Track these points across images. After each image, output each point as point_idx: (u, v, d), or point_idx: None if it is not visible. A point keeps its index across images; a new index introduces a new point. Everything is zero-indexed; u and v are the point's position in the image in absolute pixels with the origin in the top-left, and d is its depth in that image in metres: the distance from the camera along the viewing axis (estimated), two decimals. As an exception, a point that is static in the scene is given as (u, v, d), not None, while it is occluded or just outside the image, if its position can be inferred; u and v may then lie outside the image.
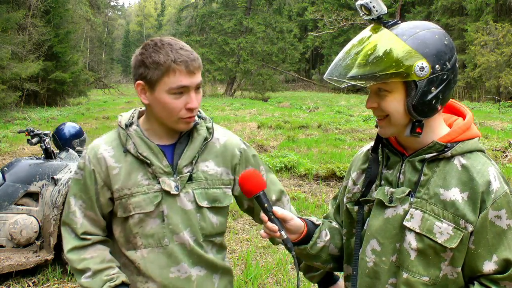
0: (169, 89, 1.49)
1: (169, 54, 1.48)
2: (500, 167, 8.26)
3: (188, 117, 1.54)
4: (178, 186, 1.58)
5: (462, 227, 1.30)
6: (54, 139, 4.64)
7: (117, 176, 1.58)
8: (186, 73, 1.49)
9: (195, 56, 1.53)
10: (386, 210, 1.40)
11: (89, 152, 1.63)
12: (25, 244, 3.99)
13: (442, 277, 1.34)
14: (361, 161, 1.57)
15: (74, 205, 1.63)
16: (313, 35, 40.49)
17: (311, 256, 1.57)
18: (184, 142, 1.63)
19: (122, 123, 1.63)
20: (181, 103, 1.51)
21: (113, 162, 1.59)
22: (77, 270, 1.60)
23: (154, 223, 1.58)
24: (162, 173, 1.58)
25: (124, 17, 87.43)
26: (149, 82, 1.52)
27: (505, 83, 23.29)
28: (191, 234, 1.61)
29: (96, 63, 43.77)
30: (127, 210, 1.58)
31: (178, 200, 1.59)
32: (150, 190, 1.57)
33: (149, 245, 1.59)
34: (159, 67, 1.48)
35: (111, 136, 1.65)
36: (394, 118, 1.35)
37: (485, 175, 1.32)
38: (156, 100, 1.53)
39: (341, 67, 1.34)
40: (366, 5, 1.31)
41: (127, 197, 1.57)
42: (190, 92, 1.52)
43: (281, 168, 8.25)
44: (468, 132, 1.39)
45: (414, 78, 1.28)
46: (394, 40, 1.29)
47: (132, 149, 1.58)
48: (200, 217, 1.62)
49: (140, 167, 1.58)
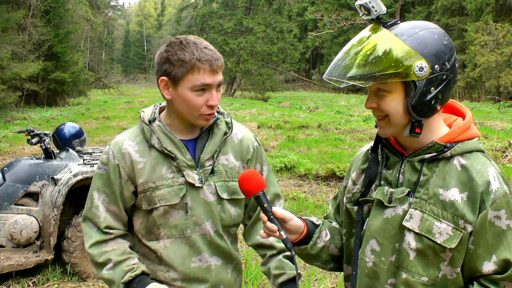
0: (193, 86, 1.55)
1: (195, 53, 1.54)
2: (500, 167, 8.26)
3: (208, 114, 1.60)
4: (201, 179, 1.64)
5: (461, 227, 1.30)
6: (54, 139, 4.64)
7: (141, 170, 1.63)
8: (209, 72, 1.55)
9: (218, 56, 1.59)
10: (386, 210, 1.40)
11: (113, 148, 1.67)
12: (25, 244, 3.99)
13: (442, 277, 1.34)
14: (361, 161, 1.57)
15: (97, 200, 1.66)
16: (313, 35, 40.49)
17: (311, 256, 1.57)
18: (205, 137, 1.69)
19: (146, 119, 1.67)
20: (202, 100, 1.57)
21: (137, 157, 1.64)
22: (98, 264, 1.63)
23: (178, 215, 1.64)
24: (186, 166, 1.63)
25: (124, 17, 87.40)
26: (173, 78, 1.57)
27: (505, 83, 23.29)
28: (212, 225, 1.67)
29: (96, 63, 43.79)
30: (152, 203, 1.62)
31: (201, 193, 1.65)
32: (174, 183, 1.62)
33: (172, 235, 1.65)
34: (184, 64, 1.53)
35: (135, 132, 1.70)
36: (393, 118, 1.35)
37: (484, 175, 1.31)
38: (179, 96, 1.58)
39: (340, 67, 1.34)
40: (365, 5, 1.31)
41: (152, 190, 1.62)
42: (212, 90, 1.58)
43: (281, 168, 8.25)
44: (468, 132, 1.38)
45: (414, 78, 1.27)
46: (393, 40, 1.29)
47: (157, 144, 1.63)
48: (220, 208, 1.69)
49: (165, 161, 1.64)
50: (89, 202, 1.68)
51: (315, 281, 4.16)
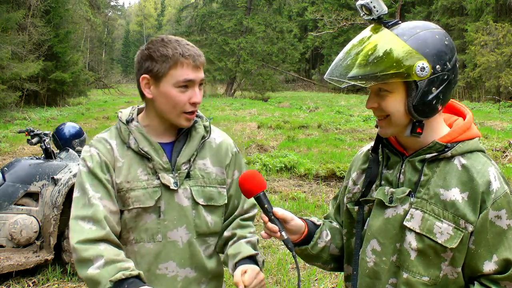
0: (176, 82, 1.52)
1: (177, 48, 1.52)
2: (500, 167, 8.26)
3: (191, 111, 1.57)
4: (176, 182, 1.59)
5: (462, 227, 1.30)
6: (54, 139, 4.64)
7: (120, 169, 1.58)
8: (192, 67, 1.53)
9: (200, 53, 1.57)
10: (386, 210, 1.40)
11: (95, 144, 1.60)
12: (25, 244, 3.99)
13: (442, 277, 1.34)
14: (361, 161, 1.57)
15: (92, 191, 1.52)
16: (313, 35, 40.48)
17: (312, 257, 1.57)
18: (182, 140, 1.65)
19: (123, 119, 1.64)
20: (185, 97, 1.54)
21: (118, 155, 1.60)
22: (84, 260, 1.44)
23: (150, 218, 1.58)
24: (162, 169, 1.59)
25: (124, 17, 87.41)
26: (156, 75, 1.54)
27: (505, 83, 23.28)
28: (186, 231, 1.60)
29: (96, 63, 43.75)
30: (125, 204, 1.57)
31: (176, 196, 1.59)
32: (149, 185, 1.57)
33: (141, 239, 1.58)
34: (167, 59, 1.51)
35: (113, 132, 1.66)
36: (394, 118, 1.35)
37: (485, 175, 1.31)
38: (161, 93, 1.55)
39: (341, 67, 1.34)
40: (366, 5, 1.31)
41: (126, 190, 1.57)
42: (195, 86, 1.55)
43: (281, 168, 8.25)
44: (468, 132, 1.38)
45: (415, 78, 1.27)
46: (394, 40, 1.29)
47: (133, 144, 1.59)
48: (195, 214, 1.62)
49: (140, 162, 1.59)
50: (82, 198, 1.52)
51: (315, 281, 4.16)
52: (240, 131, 13.39)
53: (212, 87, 35.35)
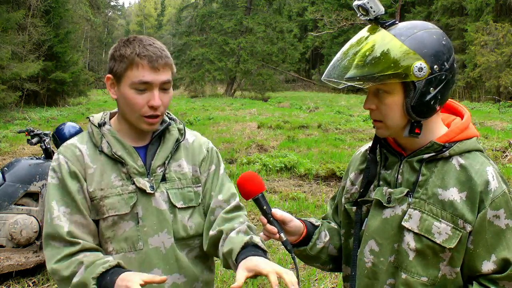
0: (131, 83, 1.46)
1: (136, 48, 1.46)
2: (500, 167, 8.26)
3: (150, 115, 1.49)
4: (153, 185, 1.53)
5: (460, 227, 1.31)
6: (54, 139, 4.64)
7: (91, 176, 1.51)
8: (149, 69, 1.45)
9: (163, 54, 1.48)
10: (385, 211, 1.40)
11: (64, 152, 1.53)
12: (25, 244, 3.99)
13: (441, 277, 1.35)
14: (359, 161, 1.57)
15: (57, 211, 1.47)
16: (313, 35, 40.46)
17: (311, 257, 1.57)
18: (156, 144, 1.60)
19: (95, 122, 1.58)
20: (143, 99, 1.47)
21: (89, 161, 1.52)
22: (65, 278, 1.40)
23: (128, 226, 1.51)
24: (136, 173, 1.53)
25: (124, 17, 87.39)
26: (116, 75, 1.50)
27: (505, 83, 23.27)
28: (168, 236, 1.54)
29: (96, 63, 43.79)
30: (100, 212, 1.50)
31: (153, 200, 1.53)
32: (124, 191, 1.51)
33: (122, 249, 1.51)
34: (124, 60, 1.46)
35: (83, 137, 1.59)
36: (392, 119, 1.35)
37: (483, 174, 1.31)
38: (121, 95, 1.50)
39: (339, 68, 1.34)
40: (363, 6, 1.31)
41: (100, 198, 1.50)
42: (153, 89, 1.47)
43: (281, 168, 8.25)
44: (466, 132, 1.39)
45: (413, 78, 1.27)
46: (392, 41, 1.28)
47: (106, 149, 1.53)
48: (173, 218, 1.55)
49: (114, 167, 1.53)
50: (48, 217, 1.47)
51: (315, 281, 4.16)
52: (240, 131, 13.39)
53: (212, 87, 35.35)
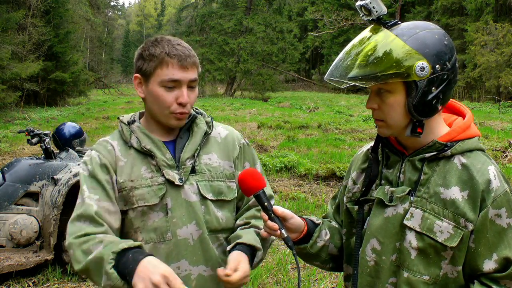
0: (161, 81, 1.53)
1: (165, 47, 1.53)
2: (500, 167, 8.24)
3: (179, 112, 1.55)
4: (182, 178, 1.57)
5: (462, 226, 1.31)
6: (54, 139, 4.64)
7: (122, 168, 1.58)
8: (178, 67, 1.52)
9: (191, 54, 1.56)
10: (386, 209, 1.40)
11: (96, 148, 1.62)
12: (25, 244, 3.99)
13: (443, 276, 1.35)
14: (360, 160, 1.58)
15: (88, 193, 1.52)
16: (313, 35, 40.47)
17: (311, 256, 1.57)
18: (184, 137, 1.65)
19: (125, 121, 1.65)
20: (172, 96, 1.54)
21: (120, 154, 1.60)
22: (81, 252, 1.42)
23: (157, 217, 1.55)
24: (166, 166, 1.57)
25: (124, 17, 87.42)
26: (145, 74, 1.56)
27: (505, 83, 23.29)
28: (196, 228, 1.57)
29: (96, 63, 43.77)
30: (129, 203, 1.55)
31: (182, 192, 1.57)
32: (154, 182, 1.56)
33: (151, 240, 1.55)
34: (153, 58, 1.53)
35: (115, 135, 1.66)
36: (394, 118, 1.35)
37: (485, 173, 1.32)
38: (150, 92, 1.56)
39: (341, 67, 1.34)
40: (366, 6, 1.31)
41: (130, 189, 1.55)
42: (182, 87, 1.54)
43: (281, 168, 8.25)
44: (468, 131, 1.39)
45: (415, 78, 1.28)
46: (394, 41, 1.29)
47: (135, 143, 1.59)
48: (205, 209, 1.59)
49: (143, 160, 1.59)
50: (79, 200, 1.54)
51: (315, 281, 4.16)
52: (240, 131, 13.37)
53: (212, 87, 35.35)
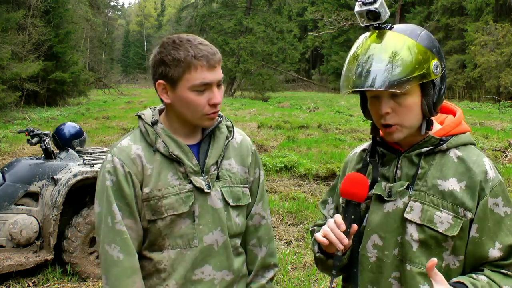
0: (192, 86, 1.46)
1: (189, 50, 1.44)
2: (500, 167, 8.26)
3: (212, 112, 1.51)
4: (209, 184, 1.55)
5: (461, 215, 1.34)
6: (54, 139, 4.64)
7: (149, 178, 1.51)
8: (207, 68, 1.45)
9: (215, 50, 1.49)
10: (385, 205, 1.42)
11: (118, 154, 1.52)
12: (25, 244, 3.99)
13: (445, 267, 1.37)
14: (355, 162, 1.59)
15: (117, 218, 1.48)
16: (313, 35, 40.47)
17: (331, 266, 1.50)
18: (207, 141, 1.61)
19: (148, 121, 1.57)
20: (204, 99, 1.48)
21: (146, 162, 1.52)
22: None
23: (184, 224, 1.53)
24: (192, 172, 1.54)
25: (124, 17, 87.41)
26: (171, 80, 1.47)
27: (505, 83, 23.29)
28: (221, 234, 1.57)
29: (96, 63, 43.68)
30: (158, 212, 1.51)
31: (209, 199, 1.55)
32: (181, 190, 1.52)
33: (177, 246, 1.53)
34: (180, 64, 1.44)
35: (137, 136, 1.58)
36: (411, 120, 1.36)
37: (481, 165, 1.37)
38: (179, 98, 1.49)
39: (364, 76, 1.30)
40: (375, 11, 1.31)
41: (158, 198, 1.50)
42: (213, 87, 1.48)
43: (281, 168, 8.25)
44: (460, 127, 1.44)
45: (433, 77, 1.31)
46: (408, 42, 1.30)
47: (162, 148, 1.52)
48: (227, 215, 1.59)
49: (170, 166, 1.53)
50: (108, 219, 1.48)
51: (315, 281, 4.16)
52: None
53: (212, 87, 35.27)
